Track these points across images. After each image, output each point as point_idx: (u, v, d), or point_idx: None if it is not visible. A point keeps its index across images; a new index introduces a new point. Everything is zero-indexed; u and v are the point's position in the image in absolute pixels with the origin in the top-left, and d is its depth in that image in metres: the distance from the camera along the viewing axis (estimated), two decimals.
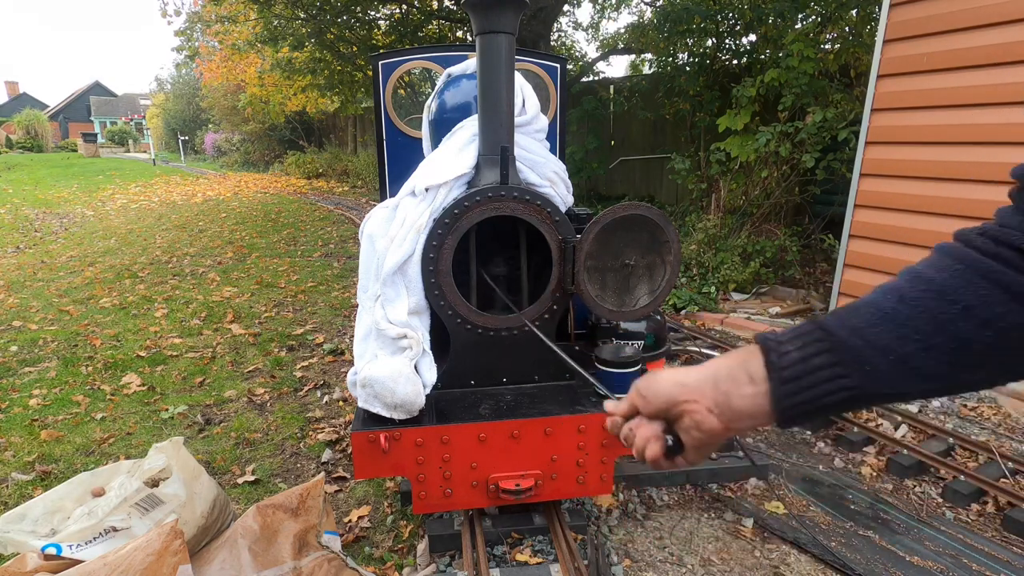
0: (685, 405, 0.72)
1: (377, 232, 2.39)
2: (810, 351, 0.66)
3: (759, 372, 0.68)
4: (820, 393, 0.65)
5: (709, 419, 0.71)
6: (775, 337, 0.69)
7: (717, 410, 0.70)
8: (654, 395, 0.75)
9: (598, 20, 15.81)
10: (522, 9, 2.25)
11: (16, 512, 2.08)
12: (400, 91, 10.09)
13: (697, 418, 0.71)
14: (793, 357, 0.66)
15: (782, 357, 0.67)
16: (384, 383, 2.07)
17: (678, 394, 0.73)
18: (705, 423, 0.71)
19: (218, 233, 10.38)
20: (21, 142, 36.96)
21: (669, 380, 0.74)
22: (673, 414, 0.74)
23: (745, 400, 0.69)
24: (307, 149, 23.70)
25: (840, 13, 7.36)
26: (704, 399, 0.71)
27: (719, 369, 0.72)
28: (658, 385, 0.75)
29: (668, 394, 0.74)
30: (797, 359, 0.66)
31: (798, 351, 0.66)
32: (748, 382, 0.68)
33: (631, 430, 0.79)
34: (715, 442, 0.73)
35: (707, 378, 0.72)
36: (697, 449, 0.74)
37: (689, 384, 0.72)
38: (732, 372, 0.70)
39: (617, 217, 2.22)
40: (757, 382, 0.68)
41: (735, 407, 0.69)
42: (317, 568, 2.08)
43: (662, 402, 0.75)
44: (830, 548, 2.60)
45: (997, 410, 3.89)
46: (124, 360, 4.66)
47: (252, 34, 13.40)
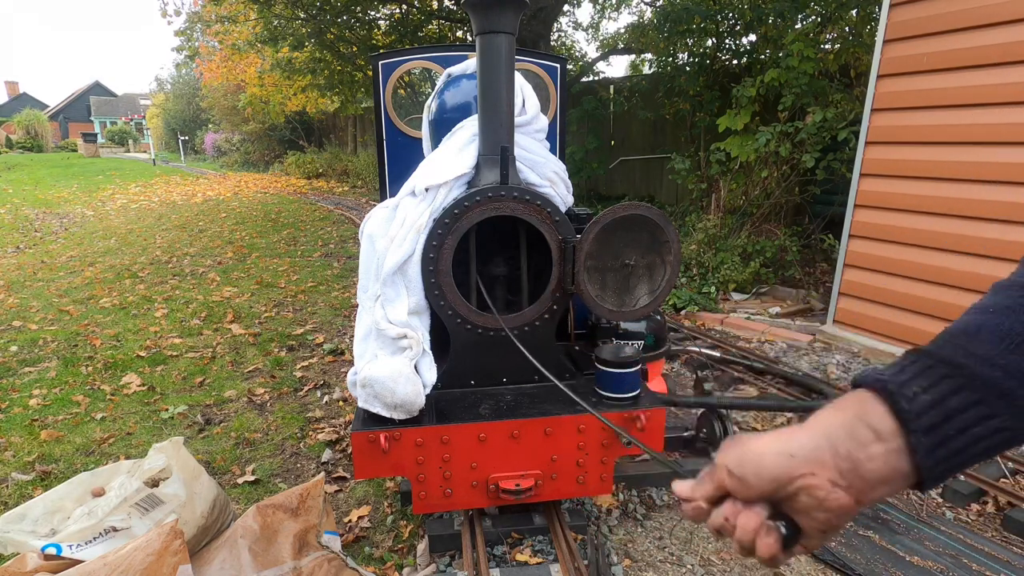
0: (801, 481, 0.58)
1: (377, 232, 2.39)
2: (943, 391, 0.55)
3: (886, 425, 0.56)
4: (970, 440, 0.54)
5: (836, 495, 0.57)
6: (890, 377, 0.57)
7: (844, 482, 0.57)
8: (755, 475, 0.60)
9: (598, 20, 15.83)
10: (522, 9, 2.25)
11: (16, 512, 2.08)
12: (400, 91, 10.09)
13: (820, 495, 0.57)
14: (926, 401, 0.54)
15: (913, 401, 0.55)
16: (384, 383, 2.07)
17: (790, 469, 0.58)
18: (832, 500, 0.57)
19: (218, 233, 10.38)
20: (21, 142, 36.96)
21: (773, 452, 0.60)
22: (784, 495, 0.60)
23: (876, 463, 0.56)
24: (307, 149, 23.70)
25: (840, 13, 7.36)
26: (824, 470, 0.57)
27: (832, 428, 0.58)
28: (759, 461, 0.60)
29: (776, 472, 0.59)
30: (932, 402, 0.54)
31: (927, 393, 0.55)
32: (874, 440, 0.56)
33: (727, 520, 0.63)
34: (845, 522, 0.59)
35: (821, 443, 0.58)
36: (823, 533, 0.60)
37: (801, 455, 0.58)
38: (852, 430, 0.57)
39: (617, 217, 2.22)
40: (886, 438, 0.55)
41: (865, 475, 0.56)
42: (317, 568, 2.08)
43: (768, 483, 0.60)
44: (830, 548, 2.60)
45: None
46: (124, 360, 4.66)
47: (252, 34, 13.40)
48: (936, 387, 0.55)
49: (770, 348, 5.03)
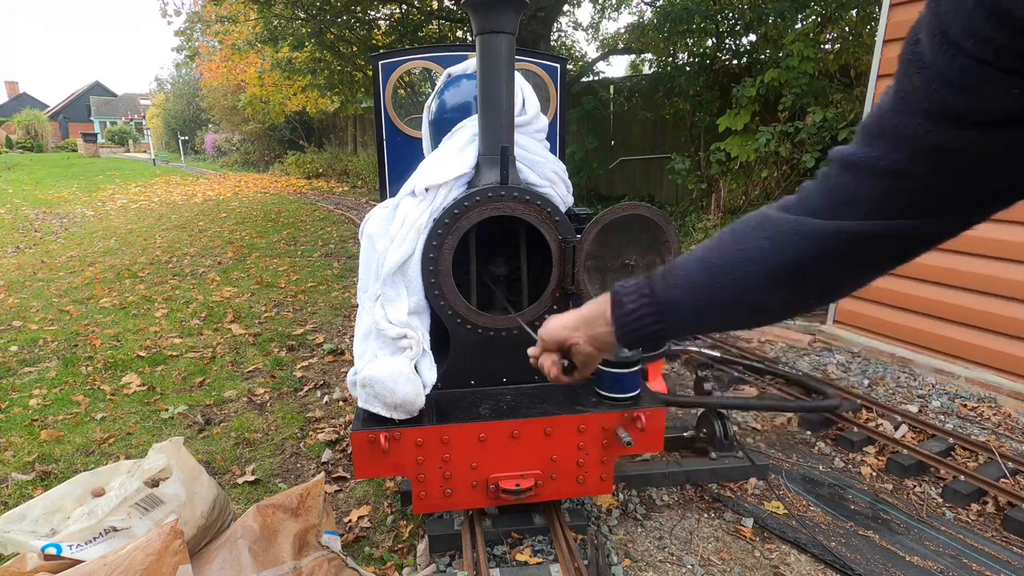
0: (571, 340, 1.06)
1: (377, 232, 2.39)
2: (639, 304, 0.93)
3: (609, 318, 0.99)
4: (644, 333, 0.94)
5: (587, 348, 1.05)
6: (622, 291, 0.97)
7: (589, 340, 1.04)
8: (550, 338, 1.09)
9: (598, 20, 15.85)
10: (522, 9, 2.25)
11: (16, 512, 2.08)
12: (400, 91, 10.09)
13: (580, 347, 1.05)
14: (628, 309, 0.95)
15: (622, 308, 0.96)
16: (384, 383, 2.07)
17: (564, 335, 1.07)
18: (584, 350, 1.05)
19: (218, 233, 10.39)
20: (21, 142, 36.95)
21: (558, 325, 1.08)
22: (565, 347, 1.08)
23: (603, 333, 1.01)
24: (307, 149, 23.71)
25: (840, 13, 7.36)
26: (580, 334, 1.04)
27: (587, 314, 1.04)
28: (552, 332, 1.09)
29: (559, 337, 1.08)
30: (631, 311, 0.94)
31: (632, 303, 0.94)
32: (604, 323, 1.00)
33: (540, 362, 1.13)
34: (594, 360, 1.07)
35: (580, 322, 1.05)
36: (584, 365, 1.08)
37: (569, 326, 1.06)
38: (594, 316, 1.02)
39: (617, 217, 2.22)
40: (608, 324, 0.99)
41: (599, 338, 1.02)
42: (317, 568, 2.08)
43: (555, 342, 1.09)
44: (830, 548, 2.60)
45: (997, 410, 3.89)
46: (124, 360, 4.66)
47: (252, 34, 13.41)
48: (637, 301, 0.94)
49: (770, 348, 5.03)
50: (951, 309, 4.25)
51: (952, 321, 4.26)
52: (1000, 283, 3.95)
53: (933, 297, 4.35)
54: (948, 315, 4.28)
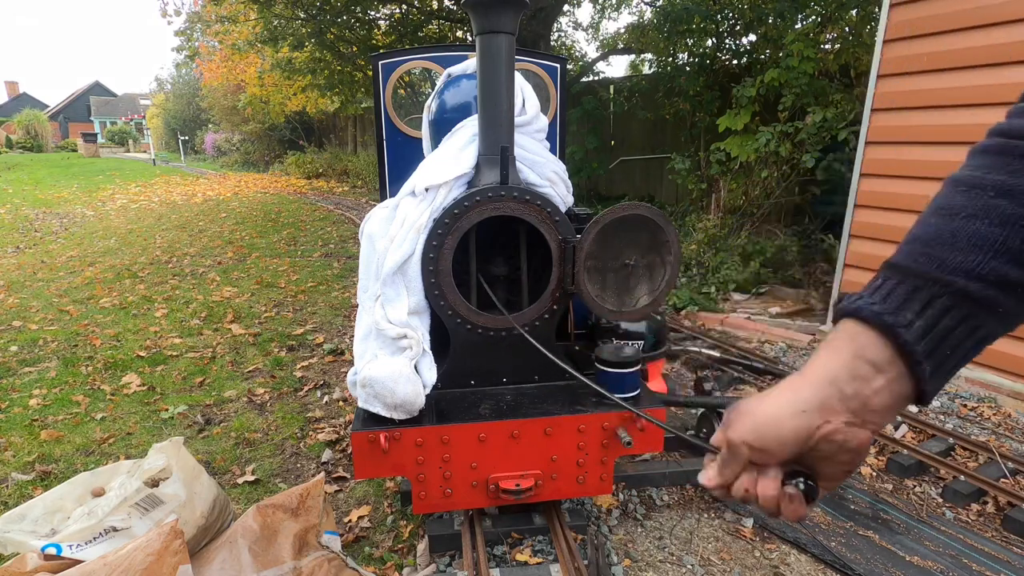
0: (821, 431, 0.60)
1: (377, 232, 2.39)
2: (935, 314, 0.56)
3: (884, 356, 0.57)
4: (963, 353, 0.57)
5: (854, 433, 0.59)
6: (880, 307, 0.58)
7: (858, 419, 0.59)
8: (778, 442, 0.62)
9: (598, 20, 15.83)
10: (522, 9, 2.25)
11: (16, 512, 2.08)
12: (400, 91, 10.09)
13: (840, 438, 0.60)
14: (920, 327, 0.56)
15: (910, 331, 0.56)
16: (384, 383, 2.07)
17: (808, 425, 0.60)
18: (852, 439, 0.60)
19: (218, 233, 10.38)
20: (21, 142, 36.93)
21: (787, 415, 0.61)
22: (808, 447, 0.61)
23: (883, 396, 0.58)
24: (307, 149, 23.70)
25: (840, 13, 7.36)
26: (836, 415, 0.59)
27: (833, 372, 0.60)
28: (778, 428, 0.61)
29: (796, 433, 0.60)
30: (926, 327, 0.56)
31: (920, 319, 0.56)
32: (875, 373, 0.58)
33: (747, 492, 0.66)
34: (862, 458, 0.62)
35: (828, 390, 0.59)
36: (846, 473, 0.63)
37: (812, 408, 0.60)
38: (852, 370, 0.58)
39: (617, 217, 2.22)
40: (886, 369, 0.57)
41: (875, 407, 0.58)
42: (317, 568, 2.08)
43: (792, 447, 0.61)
44: (830, 548, 2.60)
45: (997, 410, 3.89)
46: (124, 360, 4.66)
47: (252, 34, 13.40)
48: (928, 310, 0.56)
49: (770, 348, 5.03)
50: None
51: None
52: None
53: None
54: None
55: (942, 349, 0.56)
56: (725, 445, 0.66)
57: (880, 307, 0.58)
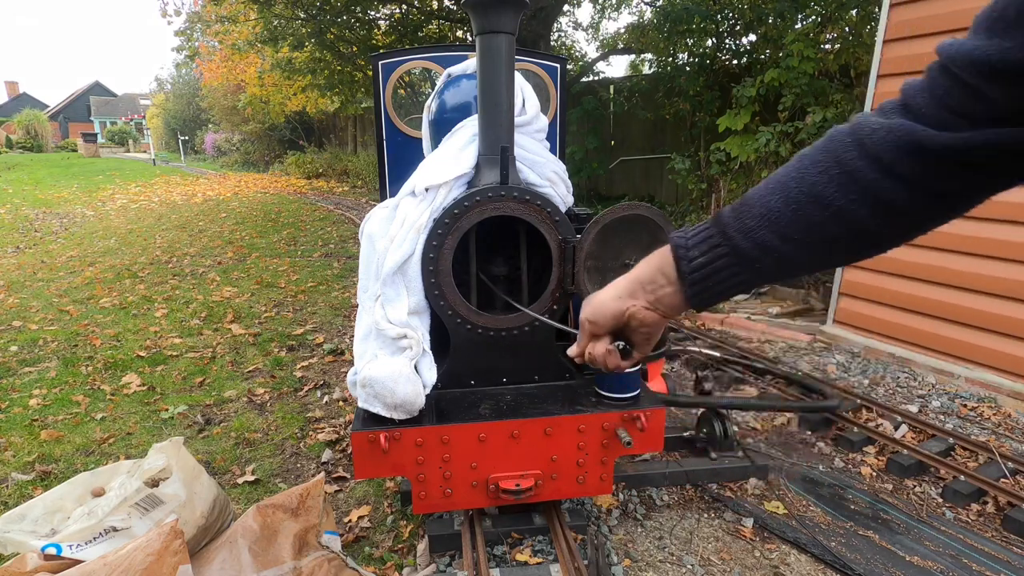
0: (630, 310, 0.88)
1: (377, 232, 2.39)
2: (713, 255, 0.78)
3: (672, 275, 0.83)
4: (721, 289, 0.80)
5: (649, 315, 0.87)
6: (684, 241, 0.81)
7: (651, 305, 0.87)
8: (602, 316, 0.91)
9: (598, 20, 15.85)
10: (522, 9, 2.25)
11: (16, 512, 2.08)
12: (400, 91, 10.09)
13: (640, 316, 0.88)
14: (699, 262, 0.79)
15: (690, 263, 0.80)
16: (384, 383, 2.07)
17: (620, 305, 0.89)
18: (648, 318, 0.88)
19: (218, 233, 10.39)
20: (21, 142, 36.94)
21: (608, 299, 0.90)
22: (622, 322, 0.90)
23: (667, 296, 0.85)
24: (307, 149, 23.71)
25: (840, 13, 7.36)
26: (639, 300, 0.87)
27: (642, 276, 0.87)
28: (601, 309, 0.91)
29: (614, 310, 0.89)
30: (703, 264, 0.79)
31: (704, 256, 0.79)
32: (667, 283, 0.84)
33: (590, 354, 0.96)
34: (659, 330, 0.90)
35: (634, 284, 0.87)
36: (646, 341, 0.92)
37: (623, 295, 0.89)
38: (652, 275, 0.85)
39: (617, 217, 2.22)
40: (672, 283, 0.83)
41: (662, 300, 0.86)
42: (317, 568, 2.08)
43: (610, 319, 0.90)
44: (830, 548, 2.60)
45: (997, 410, 3.89)
46: (124, 360, 4.66)
47: (252, 34, 13.40)
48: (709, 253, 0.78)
49: (770, 348, 5.03)
50: (951, 309, 4.25)
51: (952, 321, 4.25)
52: (1000, 283, 3.95)
53: (933, 297, 4.35)
54: (948, 315, 4.28)
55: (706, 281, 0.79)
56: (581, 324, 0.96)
57: (683, 241, 0.81)
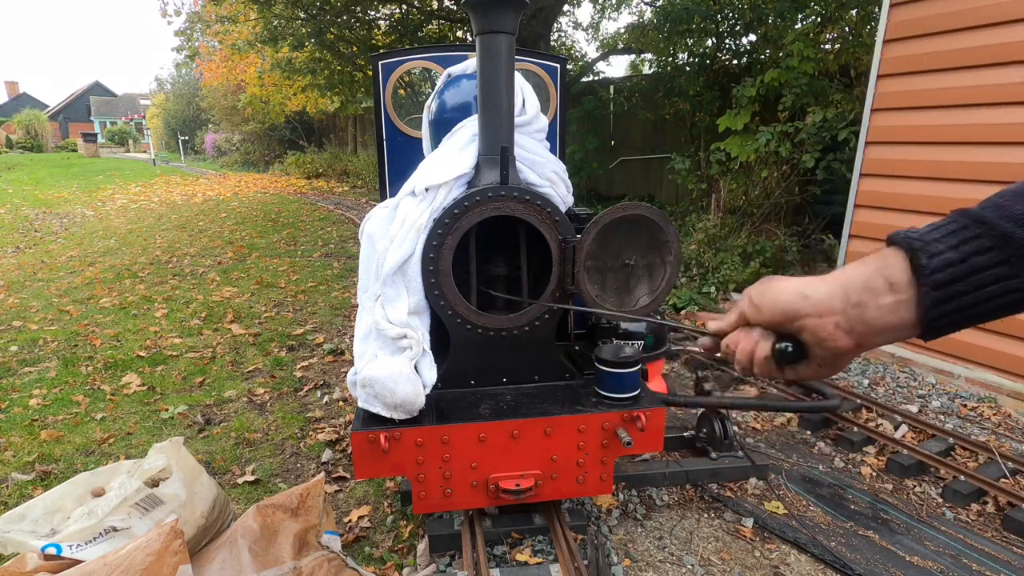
0: (808, 320, 0.63)
1: (377, 232, 2.39)
2: (969, 249, 0.56)
3: (902, 277, 0.58)
4: (982, 297, 0.55)
5: (837, 336, 0.61)
6: (919, 235, 0.59)
7: (847, 325, 0.61)
8: (771, 304, 0.66)
9: (598, 20, 15.83)
10: (522, 9, 2.25)
11: (16, 512, 2.08)
12: (400, 91, 10.09)
13: (822, 335, 0.62)
14: (948, 258, 0.56)
15: (933, 258, 0.57)
16: (384, 383, 2.07)
17: (801, 307, 0.63)
18: (831, 340, 0.62)
19: (218, 233, 10.38)
20: (21, 142, 36.93)
21: (792, 290, 0.65)
22: (791, 329, 0.65)
23: (883, 312, 0.59)
24: (307, 149, 23.69)
25: (840, 13, 7.36)
26: (833, 314, 0.61)
27: (851, 279, 0.61)
28: (777, 293, 0.66)
29: (788, 305, 0.64)
30: (954, 259, 0.56)
31: (953, 250, 0.56)
32: (887, 290, 0.59)
33: (729, 346, 0.72)
34: (842, 363, 0.65)
35: (837, 289, 0.61)
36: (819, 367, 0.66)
37: (815, 296, 0.63)
38: (868, 280, 0.60)
39: (617, 217, 2.22)
40: (899, 289, 0.58)
41: (870, 321, 0.60)
42: (317, 568, 2.08)
43: (778, 313, 0.65)
44: (830, 548, 2.60)
45: (997, 410, 3.89)
46: (124, 360, 4.66)
47: (252, 34, 13.39)
48: (965, 245, 0.56)
49: None
50: None
51: None
52: None
53: None
54: None
55: (961, 284, 0.55)
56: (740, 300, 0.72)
57: (917, 234, 0.59)
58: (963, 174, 4.15)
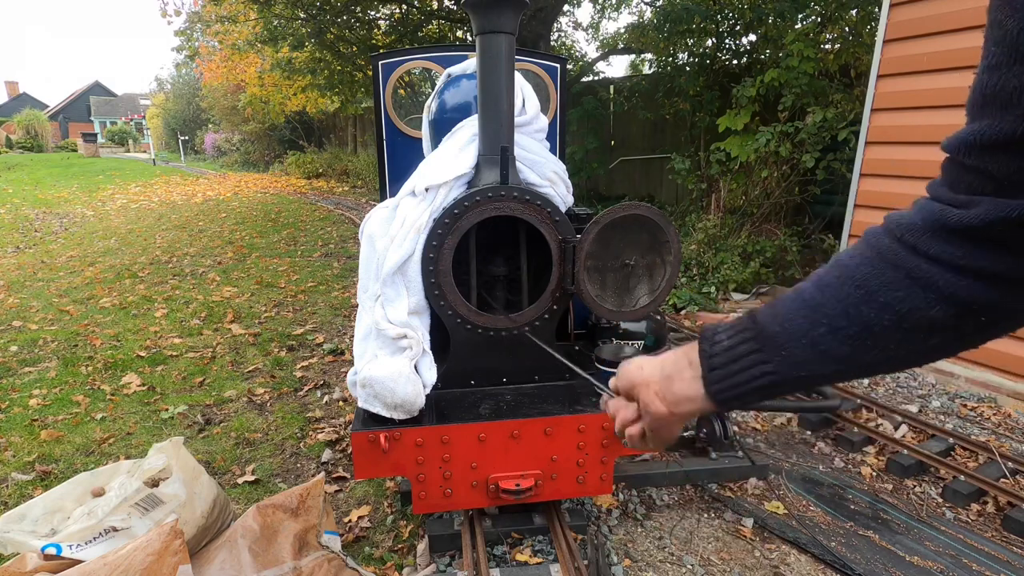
0: (641, 388, 0.79)
1: (377, 232, 2.39)
2: (737, 340, 0.70)
3: (695, 359, 0.73)
4: (745, 379, 0.69)
5: (655, 402, 0.77)
6: (714, 328, 0.74)
7: (661, 394, 0.77)
8: (623, 376, 0.83)
9: (598, 20, 15.83)
10: (522, 9, 2.25)
11: (16, 512, 2.08)
12: (400, 91, 10.09)
13: (646, 399, 0.78)
14: (723, 346, 0.71)
15: (714, 346, 0.72)
16: (384, 383, 2.07)
17: (636, 377, 0.80)
18: (652, 405, 0.77)
19: (218, 233, 10.38)
20: (21, 142, 36.94)
21: (635, 363, 0.82)
22: (634, 396, 0.81)
23: (684, 384, 0.75)
24: (307, 149, 23.69)
25: (840, 13, 7.36)
26: (653, 383, 0.77)
27: (668, 358, 0.78)
28: (627, 367, 0.83)
29: (630, 377, 0.81)
30: (726, 347, 0.71)
31: (728, 340, 0.71)
32: (687, 367, 0.74)
33: (614, 408, 0.88)
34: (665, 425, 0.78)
35: (658, 365, 0.78)
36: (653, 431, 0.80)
37: (646, 369, 0.79)
38: (677, 360, 0.76)
39: (617, 217, 2.22)
40: (694, 368, 0.73)
41: (676, 391, 0.75)
42: (317, 568, 2.08)
43: (626, 383, 0.83)
44: (830, 548, 2.60)
45: (997, 410, 3.89)
46: (124, 360, 4.66)
47: (252, 34, 13.40)
48: (734, 337, 0.71)
49: None
50: None
51: None
52: None
53: None
54: None
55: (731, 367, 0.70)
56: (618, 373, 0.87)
57: (714, 327, 0.74)
58: None
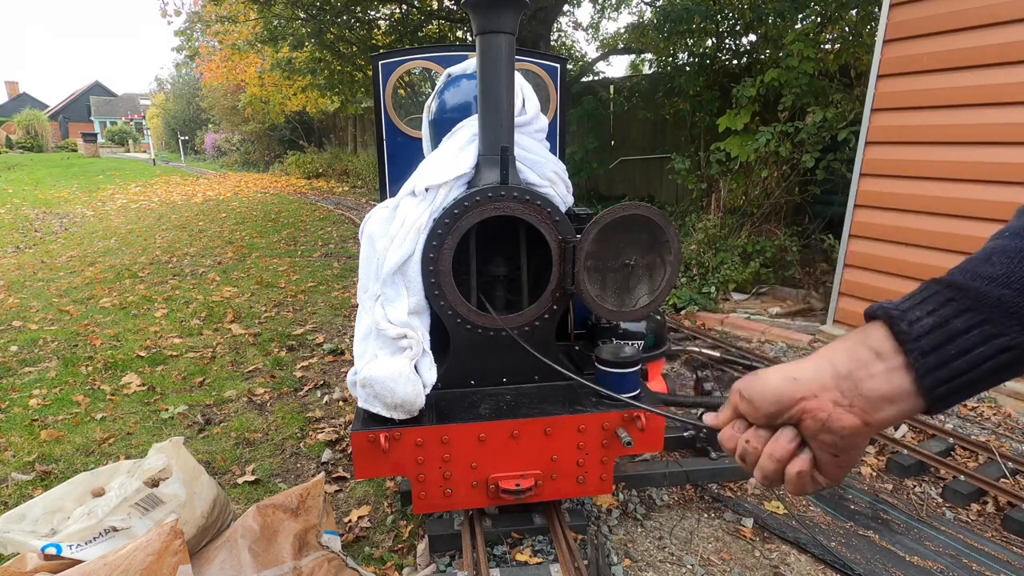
0: (805, 403, 0.58)
1: (377, 232, 2.39)
2: (947, 313, 0.54)
3: (886, 346, 0.56)
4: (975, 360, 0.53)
5: (838, 414, 0.57)
6: (893, 306, 0.57)
7: (847, 401, 0.57)
8: (760, 396, 0.61)
9: (598, 20, 15.82)
10: (522, 9, 2.25)
11: (16, 512, 2.08)
12: (400, 91, 10.08)
13: (822, 416, 0.58)
14: (927, 323, 0.54)
15: (913, 325, 0.55)
16: (384, 383, 2.07)
17: (792, 390, 0.59)
18: (833, 420, 0.57)
19: (218, 233, 10.38)
20: (21, 142, 36.94)
21: (777, 375, 0.61)
22: (789, 419, 0.60)
23: (877, 381, 0.56)
24: (307, 149, 23.69)
25: (840, 13, 7.36)
26: (826, 392, 0.57)
27: (834, 352, 0.59)
28: (765, 384, 0.61)
29: (778, 392, 0.60)
30: (934, 325, 0.54)
31: (931, 316, 0.54)
32: (875, 360, 0.56)
33: (748, 443, 0.64)
34: (854, 445, 0.58)
35: (823, 364, 0.59)
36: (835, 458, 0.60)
37: (803, 376, 0.59)
38: (852, 353, 0.58)
39: (617, 217, 2.22)
40: (886, 356, 0.56)
41: (867, 392, 0.56)
42: (317, 568, 2.08)
43: (772, 403, 0.61)
44: (830, 548, 2.60)
45: (997, 410, 3.89)
46: (124, 360, 4.66)
47: (252, 34, 13.40)
48: (939, 311, 0.55)
49: (770, 348, 5.03)
50: None
51: None
52: None
53: None
54: None
55: (948, 348, 0.54)
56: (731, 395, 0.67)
57: (892, 305, 0.58)
58: (963, 174, 4.15)
